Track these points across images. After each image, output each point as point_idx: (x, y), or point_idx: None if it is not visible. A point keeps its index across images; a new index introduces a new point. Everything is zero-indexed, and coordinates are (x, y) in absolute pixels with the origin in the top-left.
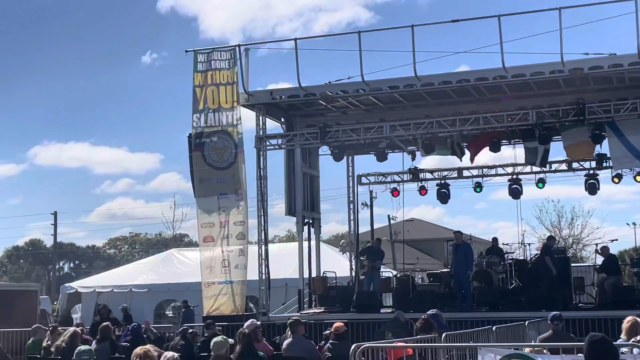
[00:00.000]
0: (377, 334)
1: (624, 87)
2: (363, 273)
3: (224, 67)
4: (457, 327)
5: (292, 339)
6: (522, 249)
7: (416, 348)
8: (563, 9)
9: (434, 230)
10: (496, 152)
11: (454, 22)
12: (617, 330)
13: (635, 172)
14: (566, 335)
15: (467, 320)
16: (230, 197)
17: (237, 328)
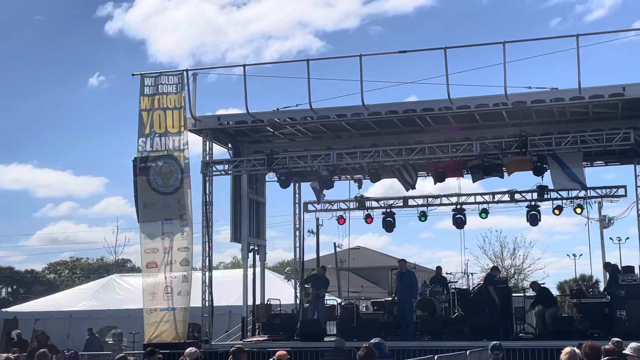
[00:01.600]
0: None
1: (566, 121)
2: (307, 301)
3: (171, 91)
4: (400, 356)
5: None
6: (465, 278)
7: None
8: (507, 43)
9: (379, 259)
10: (441, 182)
11: (401, 53)
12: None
13: (575, 204)
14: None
15: (410, 349)
16: (174, 222)
17: (178, 356)
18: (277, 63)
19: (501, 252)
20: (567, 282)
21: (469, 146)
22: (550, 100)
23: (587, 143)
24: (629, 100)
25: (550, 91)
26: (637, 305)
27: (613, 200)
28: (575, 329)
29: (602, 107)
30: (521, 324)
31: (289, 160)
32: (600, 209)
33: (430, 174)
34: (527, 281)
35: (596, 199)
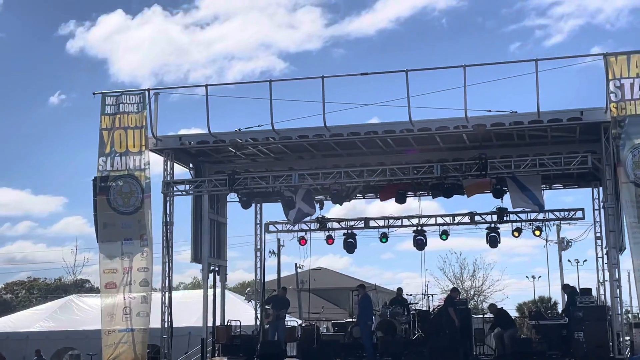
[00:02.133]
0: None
1: (525, 144)
2: (268, 322)
3: (132, 110)
4: None
5: None
6: (425, 299)
7: None
8: (467, 66)
9: (340, 280)
10: (402, 204)
11: (363, 75)
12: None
13: (534, 226)
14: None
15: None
16: (134, 242)
17: None
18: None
19: (461, 274)
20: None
21: (430, 168)
22: (510, 123)
23: (545, 166)
24: (587, 124)
25: (510, 114)
26: (595, 327)
27: (571, 222)
28: (534, 351)
29: (561, 131)
30: (480, 346)
31: (251, 181)
32: (559, 231)
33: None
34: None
35: (555, 222)
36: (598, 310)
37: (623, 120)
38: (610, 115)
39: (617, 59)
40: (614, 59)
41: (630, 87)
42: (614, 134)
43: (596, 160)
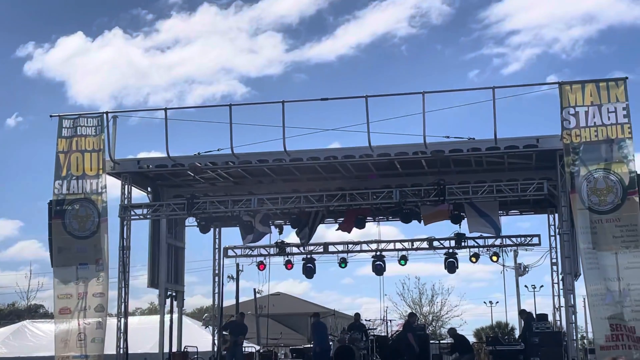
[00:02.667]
0: None
1: (482, 170)
2: (225, 348)
3: (90, 133)
4: None
5: None
6: (384, 325)
7: None
8: (426, 93)
9: (299, 305)
10: (361, 229)
11: (323, 100)
12: None
13: (491, 252)
14: None
15: None
16: (90, 267)
17: None
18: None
19: (420, 299)
20: (484, 329)
21: (389, 193)
22: (468, 150)
23: (502, 192)
24: (543, 151)
25: (468, 141)
26: (551, 352)
27: (528, 248)
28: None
29: (517, 158)
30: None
31: (210, 205)
32: (516, 257)
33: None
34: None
35: (512, 247)
36: (554, 336)
37: (578, 148)
38: (565, 142)
39: (571, 88)
40: (569, 88)
41: (584, 115)
42: (569, 161)
43: (552, 187)
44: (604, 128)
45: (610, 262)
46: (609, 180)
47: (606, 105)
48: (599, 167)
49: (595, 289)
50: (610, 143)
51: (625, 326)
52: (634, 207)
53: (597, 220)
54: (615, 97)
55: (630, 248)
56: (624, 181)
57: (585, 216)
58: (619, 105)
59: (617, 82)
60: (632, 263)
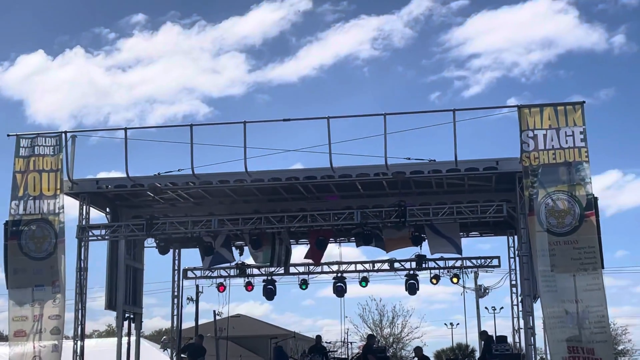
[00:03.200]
0: None
1: (443, 192)
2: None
3: (48, 153)
4: None
5: None
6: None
7: None
8: (388, 115)
9: (260, 327)
10: (322, 250)
11: (285, 121)
12: None
13: (452, 273)
14: None
15: None
16: (46, 289)
17: None
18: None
19: (380, 321)
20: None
21: (350, 215)
22: (429, 171)
23: (463, 214)
24: (502, 173)
25: (429, 163)
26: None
27: (488, 270)
28: None
29: (478, 180)
30: None
31: (169, 226)
32: (476, 278)
33: (311, 242)
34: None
35: (472, 269)
36: (513, 358)
37: (537, 170)
38: (524, 165)
39: (530, 111)
40: (528, 111)
41: (543, 138)
42: (528, 184)
43: (511, 209)
44: (562, 151)
45: (568, 284)
46: (567, 203)
47: (564, 128)
48: (557, 190)
49: (552, 312)
50: (568, 166)
51: (584, 348)
52: (591, 229)
53: (556, 242)
54: (573, 121)
55: (589, 270)
56: (581, 203)
57: (544, 238)
58: (576, 129)
59: (574, 106)
60: (591, 285)
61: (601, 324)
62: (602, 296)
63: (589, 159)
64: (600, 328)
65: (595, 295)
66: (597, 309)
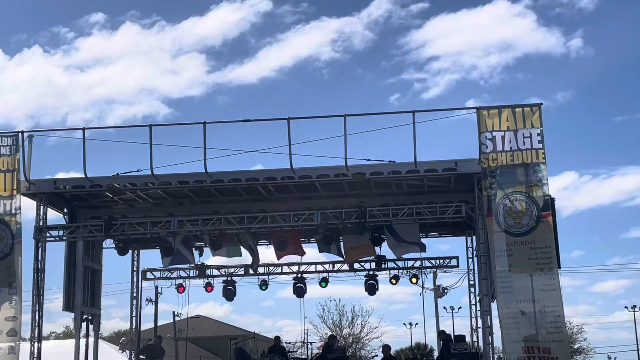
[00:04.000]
0: None
1: (403, 193)
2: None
3: (4, 153)
4: None
5: None
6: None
7: None
8: (348, 116)
9: (219, 328)
10: (282, 251)
11: (245, 122)
12: None
13: (411, 274)
14: None
15: None
16: (2, 290)
17: None
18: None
19: (340, 321)
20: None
21: (310, 215)
22: (388, 172)
23: (422, 215)
24: (461, 175)
25: (388, 164)
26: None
27: (447, 270)
28: None
29: (436, 181)
30: None
31: (128, 227)
32: (435, 279)
33: (272, 243)
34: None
35: (431, 269)
36: (471, 357)
37: (495, 171)
38: (482, 166)
39: (489, 113)
40: (486, 113)
41: (501, 139)
42: (486, 185)
43: (470, 210)
44: (520, 153)
45: (525, 283)
46: (524, 203)
47: (522, 130)
48: (515, 191)
49: (507, 312)
50: (526, 167)
51: (540, 347)
52: (548, 229)
53: (513, 243)
54: (531, 123)
55: (545, 270)
56: (538, 204)
57: (501, 239)
58: (534, 131)
59: (532, 108)
60: (547, 285)
61: (557, 323)
62: (558, 296)
63: (546, 161)
64: (557, 328)
65: (552, 295)
66: (554, 308)
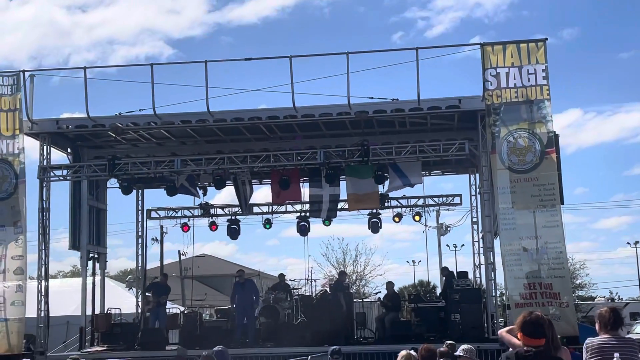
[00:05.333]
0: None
1: (406, 131)
2: (148, 309)
3: (5, 92)
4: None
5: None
6: (308, 285)
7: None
8: (350, 54)
9: (224, 266)
10: (286, 190)
11: (247, 60)
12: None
13: (414, 212)
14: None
15: (254, 356)
16: (7, 229)
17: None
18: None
19: (344, 259)
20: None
21: (313, 154)
22: (391, 110)
23: (425, 153)
24: (465, 112)
25: (391, 102)
26: (471, 309)
27: (450, 208)
28: (413, 333)
29: (440, 119)
30: (362, 329)
31: (132, 167)
32: (438, 216)
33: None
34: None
35: (434, 207)
36: (473, 293)
37: (499, 108)
38: (486, 103)
39: (493, 49)
40: (491, 49)
41: (505, 76)
42: (490, 122)
43: (473, 147)
44: (524, 89)
45: (528, 220)
46: (528, 140)
47: (526, 66)
48: (518, 128)
49: (510, 249)
50: (530, 104)
51: (542, 283)
52: (551, 165)
53: (516, 180)
54: (536, 59)
55: (548, 207)
56: (542, 141)
57: (505, 176)
58: (538, 67)
59: (537, 43)
60: (550, 222)
61: (559, 259)
62: (560, 233)
63: (551, 97)
64: (559, 264)
65: (554, 232)
66: (556, 245)
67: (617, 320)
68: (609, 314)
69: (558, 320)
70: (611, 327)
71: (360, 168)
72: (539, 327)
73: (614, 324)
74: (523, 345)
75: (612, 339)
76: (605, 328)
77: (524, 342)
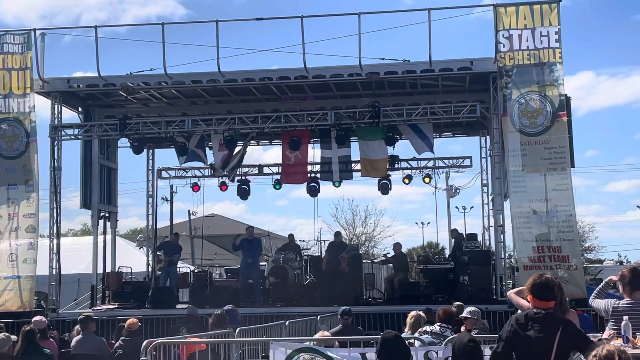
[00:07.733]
0: (172, 329)
1: (417, 93)
2: (159, 268)
3: (16, 51)
4: (252, 322)
5: (82, 335)
6: (318, 245)
7: (209, 343)
8: (362, 14)
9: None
10: (296, 150)
11: (259, 20)
12: (403, 323)
13: (424, 173)
14: (355, 329)
15: (263, 316)
16: (19, 188)
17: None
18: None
19: (353, 220)
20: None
21: (324, 115)
22: (402, 72)
23: (436, 114)
24: (476, 74)
25: (403, 63)
26: (479, 270)
27: (459, 170)
28: (422, 294)
29: (451, 80)
30: (371, 290)
31: (143, 126)
32: (448, 178)
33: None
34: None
35: (444, 169)
36: (482, 255)
37: (511, 71)
38: (498, 65)
39: (506, 10)
40: (504, 10)
41: (518, 37)
42: (502, 84)
43: (484, 110)
44: (537, 52)
45: (538, 183)
46: (539, 103)
47: (539, 28)
48: (530, 90)
49: (519, 212)
50: (542, 66)
51: (551, 246)
52: (562, 128)
53: (527, 142)
54: (549, 21)
55: (558, 170)
56: (553, 103)
57: (516, 138)
58: (551, 30)
59: (550, 5)
60: (560, 185)
61: (568, 222)
62: (570, 196)
63: (563, 60)
64: (568, 226)
65: (564, 195)
66: (565, 208)
67: (634, 280)
68: (629, 273)
69: (566, 283)
70: (631, 287)
71: (371, 129)
72: (549, 290)
73: (632, 283)
74: (532, 307)
75: (627, 304)
76: (625, 288)
77: (534, 304)
